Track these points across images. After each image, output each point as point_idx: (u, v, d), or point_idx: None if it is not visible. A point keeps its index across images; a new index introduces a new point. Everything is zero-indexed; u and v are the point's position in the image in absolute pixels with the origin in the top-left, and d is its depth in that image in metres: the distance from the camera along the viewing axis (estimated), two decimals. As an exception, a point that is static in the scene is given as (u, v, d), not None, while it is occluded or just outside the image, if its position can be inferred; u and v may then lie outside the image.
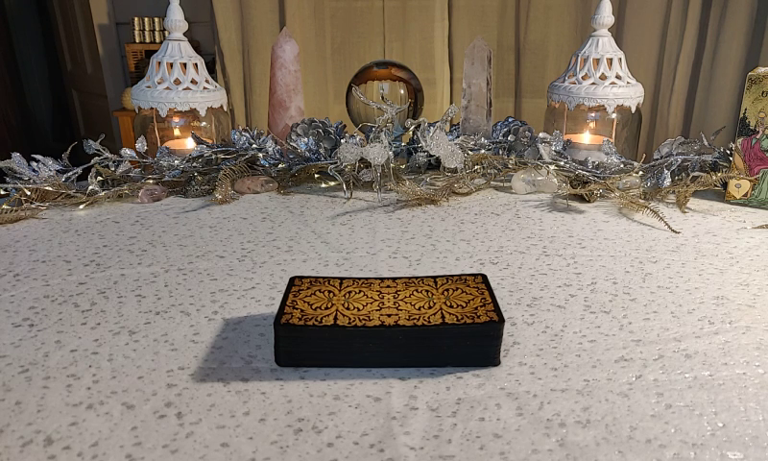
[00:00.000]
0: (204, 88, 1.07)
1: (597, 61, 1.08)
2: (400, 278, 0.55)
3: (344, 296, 0.52)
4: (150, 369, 0.49)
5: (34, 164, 0.89)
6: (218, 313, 0.58)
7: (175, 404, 0.44)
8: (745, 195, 0.88)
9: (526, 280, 0.65)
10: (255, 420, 0.43)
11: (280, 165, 1.00)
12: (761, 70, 0.85)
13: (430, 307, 0.50)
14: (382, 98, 0.94)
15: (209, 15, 2.10)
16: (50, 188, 0.87)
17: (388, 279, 0.55)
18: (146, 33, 2.38)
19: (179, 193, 0.94)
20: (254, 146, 1.00)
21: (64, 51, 3.02)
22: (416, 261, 0.71)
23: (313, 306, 0.50)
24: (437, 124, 0.96)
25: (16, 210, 0.82)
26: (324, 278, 0.55)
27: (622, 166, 0.97)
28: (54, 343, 0.52)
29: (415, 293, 0.53)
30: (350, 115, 1.17)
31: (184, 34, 1.08)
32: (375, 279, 0.55)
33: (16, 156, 0.88)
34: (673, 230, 0.79)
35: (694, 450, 0.40)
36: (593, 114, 1.11)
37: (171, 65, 1.06)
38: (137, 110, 1.09)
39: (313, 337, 0.48)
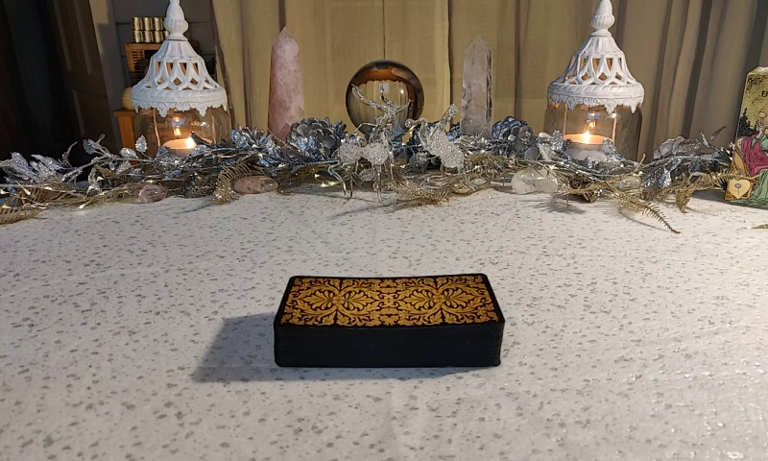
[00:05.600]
0: (204, 88, 1.07)
1: (597, 61, 1.08)
2: (400, 278, 0.55)
3: (344, 296, 0.52)
4: (150, 369, 0.49)
5: (34, 164, 0.89)
6: (218, 313, 0.58)
7: (175, 404, 0.44)
8: (745, 195, 0.88)
9: (526, 280, 0.65)
10: (255, 420, 0.43)
11: (280, 165, 1.00)
12: (761, 70, 0.85)
13: (430, 307, 0.50)
14: (382, 98, 0.94)
15: (209, 15, 2.11)
16: (50, 188, 0.87)
17: (388, 279, 0.55)
18: (146, 33, 2.38)
19: (179, 193, 0.94)
20: (254, 146, 1.00)
21: (64, 51, 3.02)
22: (416, 261, 0.71)
23: (313, 306, 0.50)
24: (437, 124, 0.96)
25: (16, 210, 0.82)
26: (324, 278, 0.55)
27: (622, 166, 0.97)
28: (54, 343, 0.52)
29: (415, 293, 0.53)
30: (350, 115, 1.17)
31: (184, 34, 1.08)
32: (375, 279, 0.55)
33: (16, 156, 0.88)
34: (673, 230, 0.79)
35: (694, 450, 0.40)
36: (593, 114, 1.11)
37: (171, 65, 1.06)
38: (137, 110, 1.09)
39: (313, 337, 0.48)
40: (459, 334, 0.48)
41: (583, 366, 0.49)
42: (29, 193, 0.86)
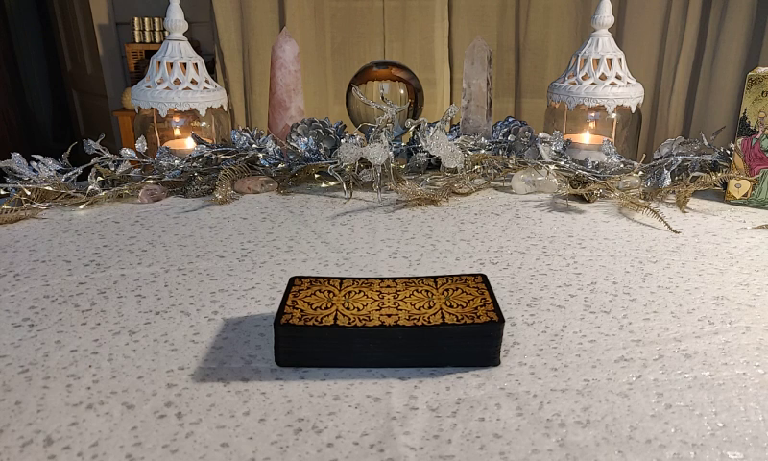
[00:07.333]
0: (204, 88, 1.07)
1: (597, 61, 1.08)
2: (400, 278, 0.55)
3: (344, 296, 0.52)
4: (150, 369, 0.49)
5: (34, 164, 0.89)
6: (218, 313, 0.58)
7: (175, 404, 0.44)
8: (745, 195, 0.88)
9: (526, 280, 0.65)
10: (255, 420, 0.43)
11: (280, 165, 1.00)
12: (761, 70, 0.85)
13: (430, 307, 0.50)
14: (382, 98, 0.94)
15: (209, 15, 2.10)
16: (50, 188, 0.87)
17: (388, 279, 0.55)
18: (146, 33, 2.38)
19: (179, 193, 0.94)
20: (254, 146, 1.00)
21: (64, 51, 3.02)
22: (416, 261, 0.71)
23: (313, 306, 0.50)
24: (437, 124, 0.96)
25: (16, 210, 0.82)
26: (324, 278, 0.55)
27: (622, 166, 0.97)
28: (54, 343, 0.52)
29: (415, 293, 0.53)
30: (350, 115, 1.17)
31: (184, 34, 1.08)
32: (375, 278, 0.55)
33: (16, 156, 0.88)
34: (673, 230, 0.79)
35: (694, 450, 0.40)
36: (593, 114, 1.11)
37: (171, 65, 1.06)
38: (137, 110, 1.09)
39: (313, 337, 0.48)
40: (459, 334, 0.48)
41: (583, 366, 0.49)
42: (29, 193, 0.86)
